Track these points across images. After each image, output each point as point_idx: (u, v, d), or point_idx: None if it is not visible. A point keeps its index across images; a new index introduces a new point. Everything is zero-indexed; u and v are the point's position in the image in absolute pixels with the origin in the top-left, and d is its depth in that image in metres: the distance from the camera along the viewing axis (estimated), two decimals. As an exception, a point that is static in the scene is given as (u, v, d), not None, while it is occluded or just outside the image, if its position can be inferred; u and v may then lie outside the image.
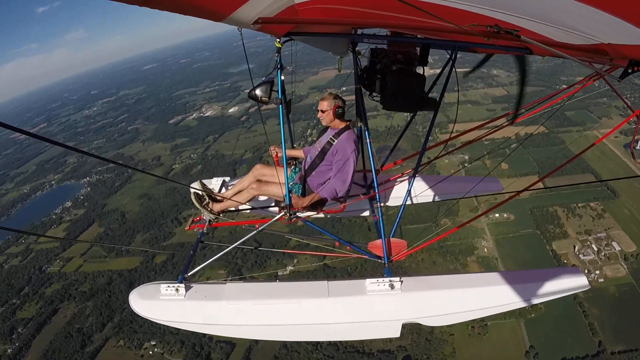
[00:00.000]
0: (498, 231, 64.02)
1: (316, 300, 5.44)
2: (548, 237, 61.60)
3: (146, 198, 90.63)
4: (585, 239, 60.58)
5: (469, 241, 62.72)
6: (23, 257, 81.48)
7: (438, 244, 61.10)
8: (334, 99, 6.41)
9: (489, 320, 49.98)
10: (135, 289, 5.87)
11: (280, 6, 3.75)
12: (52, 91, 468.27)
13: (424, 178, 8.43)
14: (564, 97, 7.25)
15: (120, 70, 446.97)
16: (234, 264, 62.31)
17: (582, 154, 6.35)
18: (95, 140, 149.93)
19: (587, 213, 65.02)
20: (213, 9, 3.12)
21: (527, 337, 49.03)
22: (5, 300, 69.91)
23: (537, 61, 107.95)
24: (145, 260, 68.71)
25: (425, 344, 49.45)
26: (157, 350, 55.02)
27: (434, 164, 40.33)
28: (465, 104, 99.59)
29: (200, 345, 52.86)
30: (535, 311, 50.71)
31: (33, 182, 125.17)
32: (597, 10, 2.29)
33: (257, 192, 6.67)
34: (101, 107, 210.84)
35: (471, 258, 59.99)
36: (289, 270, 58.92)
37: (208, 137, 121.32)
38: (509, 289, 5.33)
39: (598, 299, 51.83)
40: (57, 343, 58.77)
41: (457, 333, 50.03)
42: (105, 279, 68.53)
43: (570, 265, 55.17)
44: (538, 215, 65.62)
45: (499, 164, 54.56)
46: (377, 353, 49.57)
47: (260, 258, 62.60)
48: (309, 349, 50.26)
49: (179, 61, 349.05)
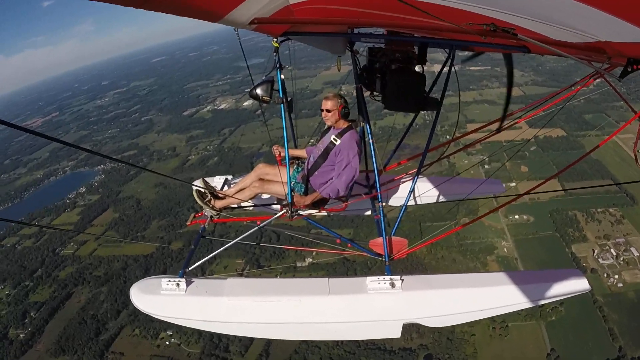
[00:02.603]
0: (517, 232, 63.83)
1: (316, 298, 5.44)
2: (567, 240, 61.28)
3: (162, 187, 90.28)
4: (604, 243, 60.17)
5: (488, 240, 62.62)
6: (36, 238, 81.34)
7: (458, 242, 61.72)
8: (339, 98, 6.36)
9: (510, 322, 50.05)
10: (136, 283, 5.88)
11: (276, 7, 3.84)
12: (62, 81, 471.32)
13: (427, 179, 8.55)
14: (568, 96, 7.07)
15: (130, 62, 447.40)
16: (251, 254, 62.37)
17: (580, 160, 6.78)
18: (109, 130, 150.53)
19: (606, 218, 64.56)
20: (209, 10, 3.19)
21: (548, 340, 48.71)
22: (18, 282, 69.76)
23: (550, 61, 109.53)
24: (162, 247, 68.20)
25: (447, 344, 49.28)
26: (174, 340, 54.49)
27: (453, 164, 40.33)
28: (482, 104, 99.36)
29: (219, 337, 51.81)
30: (556, 314, 50.58)
31: (46, 167, 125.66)
32: (594, 8, 2.29)
33: (260, 190, 6.71)
34: (113, 98, 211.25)
35: (491, 257, 59.87)
36: (308, 262, 58.97)
37: (223, 129, 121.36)
38: (510, 290, 5.34)
39: (617, 304, 51.58)
40: (71, 329, 58.20)
41: (478, 333, 49.90)
42: (121, 263, 68.36)
43: (590, 269, 55.80)
44: (557, 218, 65.34)
45: (501, 166, 54.90)
46: (399, 351, 49.32)
47: (279, 249, 61.94)
48: (330, 345, 49.93)
49: (187, 54, 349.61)
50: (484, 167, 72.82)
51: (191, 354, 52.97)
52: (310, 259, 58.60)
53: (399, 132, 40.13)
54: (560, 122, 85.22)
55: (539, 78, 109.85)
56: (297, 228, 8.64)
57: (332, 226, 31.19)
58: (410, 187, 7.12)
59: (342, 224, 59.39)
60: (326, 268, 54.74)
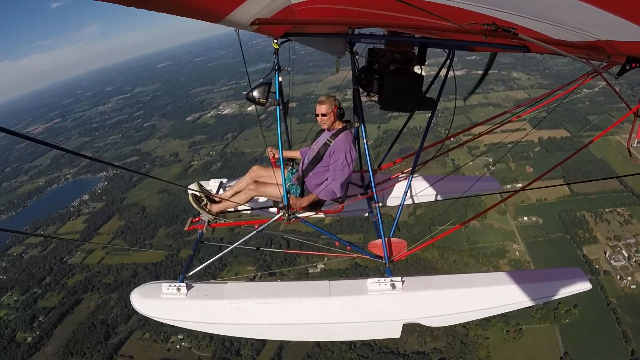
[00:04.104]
0: (528, 234, 63.68)
1: (317, 300, 5.50)
2: (578, 242, 61.06)
3: (166, 193, 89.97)
4: (615, 244, 59.92)
5: (499, 244, 62.56)
6: (43, 247, 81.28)
7: (469, 246, 61.80)
8: (333, 100, 6.38)
9: (524, 325, 49.97)
10: (137, 288, 6.01)
11: (277, 7, 3.82)
12: (65, 87, 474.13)
13: (422, 178, 8.58)
14: (567, 93, 7.23)
15: (135, 68, 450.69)
16: (262, 260, 62.26)
17: (572, 156, 6.80)
18: (110, 136, 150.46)
19: (615, 218, 64.42)
20: (210, 10, 3.14)
21: (562, 343, 48.50)
22: (25, 289, 69.87)
23: (557, 64, 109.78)
24: (171, 254, 68.04)
25: (461, 347, 49.15)
26: (185, 344, 54.38)
27: (458, 165, 40.37)
28: (487, 106, 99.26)
29: (230, 340, 51.65)
30: (570, 316, 50.41)
31: (48, 175, 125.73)
32: (593, 7, 2.29)
33: (255, 193, 6.74)
34: (116, 104, 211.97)
35: (503, 261, 59.73)
36: (320, 269, 58.58)
37: (227, 134, 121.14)
38: (511, 289, 5.39)
39: (631, 306, 51.21)
40: (80, 333, 58.36)
41: (492, 336, 49.77)
42: (130, 271, 68.40)
43: (602, 270, 55.87)
44: (566, 219, 65.21)
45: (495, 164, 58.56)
46: (412, 355, 49.13)
47: (290, 255, 61.13)
48: (343, 349, 49.67)
49: (194, 59, 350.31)
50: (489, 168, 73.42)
51: (202, 357, 52.87)
52: (322, 265, 58.22)
53: (404, 135, 40.29)
54: (565, 124, 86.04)
55: (545, 81, 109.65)
56: (295, 232, 8.66)
57: (342, 231, 31.65)
58: (405, 186, 7.05)
59: (351, 229, 59.60)
60: (339, 274, 54.33)
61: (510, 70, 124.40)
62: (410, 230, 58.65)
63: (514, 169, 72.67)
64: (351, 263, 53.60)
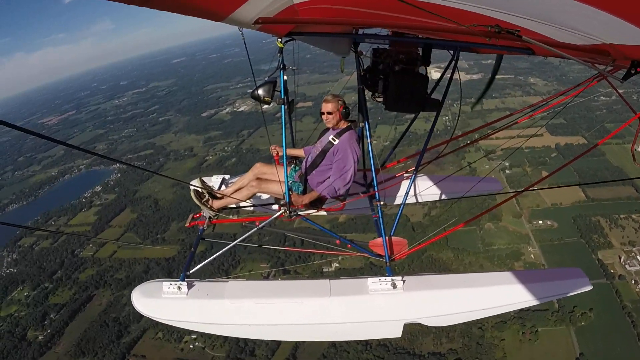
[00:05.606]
0: (543, 238, 63.43)
1: (318, 300, 5.50)
2: (593, 246, 60.77)
3: (179, 187, 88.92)
4: (630, 250, 59.71)
5: (514, 246, 62.29)
6: (54, 239, 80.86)
7: (484, 248, 61.75)
8: (338, 99, 6.42)
9: (540, 327, 49.89)
10: (138, 287, 5.95)
11: (280, 6, 3.86)
12: (80, 80, 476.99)
13: (426, 177, 8.61)
14: (571, 96, 7.28)
15: (149, 63, 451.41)
16: (276, 258, 61.85)
17: (573, 161, 6.94)
18: (125, 129, 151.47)
19: (630, 225, 64.25)
20: (213, 9, 3.20)
21: (577, 345, 48.33)
22: (37, 284, 69.42)
23: (574, 71, 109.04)
24: (184, 250, 67.11)
25: (477, 348, 48.95)
26: (198, 344, 53.75)
27: (473, 167, 40.13)
28: (504, 111, 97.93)
29: (244, 341, 50.95)
30: (586, 319, 50.23)
31: (61, 165, 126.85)
32: (598, 10, 2.31)
33: (257, 189, 6.74)
34: (131, 98, 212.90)
35: (518, 263, 59.39)
36: (335, 267, 58.64)
37: (242, 131, 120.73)
38: (512, 289, 5.41)
39: (647, 311, 51.13)
40: (92, 332, 57.62)
41: (508, 338, 49.57)
42: (142, 266, 67.98)
43: (617, 275, 55.70)
44: (581, 224, 64.92)
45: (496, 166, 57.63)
46: (428, 355, 48.98)
47: (304, 253, 60.06)
48: (359, 349, 49.38)
49: (208, 56, 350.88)
50: (505, 172, 73.32)
51: (216, 357, 52.37)
52: (336, 264, 58.12)
53: (419, 137, 41.08)
54: (582, 130, 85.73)
55: (562, 87, 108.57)
56: (297, 229, 8.65)
57: (355, 230, 31.56)
58: (408, 185, 7.22)
59: (366, 228, 59.23)
60: (353, 273, 54.08)
61: (527, 75, 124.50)
62: (425, 230, 58.27)
63: (530, 173, 72.38)
64: (366, 262, 52.45)
